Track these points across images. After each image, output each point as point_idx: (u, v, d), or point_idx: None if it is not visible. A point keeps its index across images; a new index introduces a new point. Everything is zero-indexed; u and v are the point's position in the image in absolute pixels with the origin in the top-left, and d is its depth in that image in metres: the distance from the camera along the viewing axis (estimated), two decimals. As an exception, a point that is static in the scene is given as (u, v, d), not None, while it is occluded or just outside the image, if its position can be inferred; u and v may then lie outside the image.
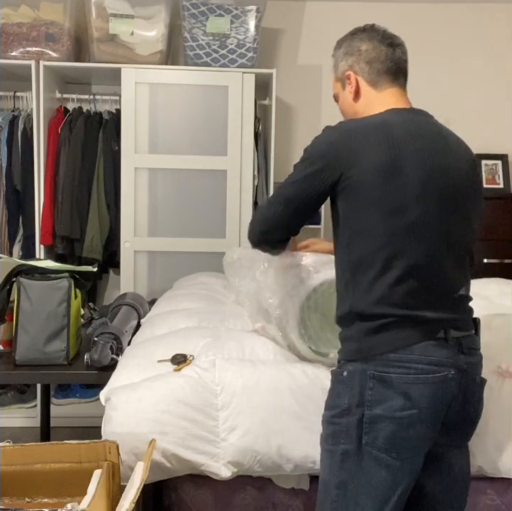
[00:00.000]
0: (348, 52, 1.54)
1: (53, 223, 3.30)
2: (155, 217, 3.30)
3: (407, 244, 1.36)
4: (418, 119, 1.47)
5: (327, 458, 1.44)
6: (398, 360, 1.35)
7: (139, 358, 1.86)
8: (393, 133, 1.39)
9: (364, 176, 1.36)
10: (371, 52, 1.51)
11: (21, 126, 3.33)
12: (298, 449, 1.66)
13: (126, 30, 3.20)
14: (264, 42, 3.50)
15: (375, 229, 1.36)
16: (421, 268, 1.37)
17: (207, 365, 1.73)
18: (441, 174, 1.40)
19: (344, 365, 1.43)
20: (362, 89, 1.53)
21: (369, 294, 1.37)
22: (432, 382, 1.35)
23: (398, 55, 1.52)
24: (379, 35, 1.53)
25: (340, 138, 1.41)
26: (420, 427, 1.37)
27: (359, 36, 1.54)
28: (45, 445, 1.58)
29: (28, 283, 2.07)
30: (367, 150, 1.37)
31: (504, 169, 3.70)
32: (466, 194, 1.45)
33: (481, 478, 1.72)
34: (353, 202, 1.39)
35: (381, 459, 1.37)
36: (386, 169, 1.36)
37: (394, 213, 1.36)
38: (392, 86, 1.52)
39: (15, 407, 3.35)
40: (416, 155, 1.38)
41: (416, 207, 1.36)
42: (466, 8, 3.74)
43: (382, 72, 1.51)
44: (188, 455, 1.65)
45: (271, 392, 1.68)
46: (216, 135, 3.26)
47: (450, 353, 1.38)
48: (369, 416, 1.36)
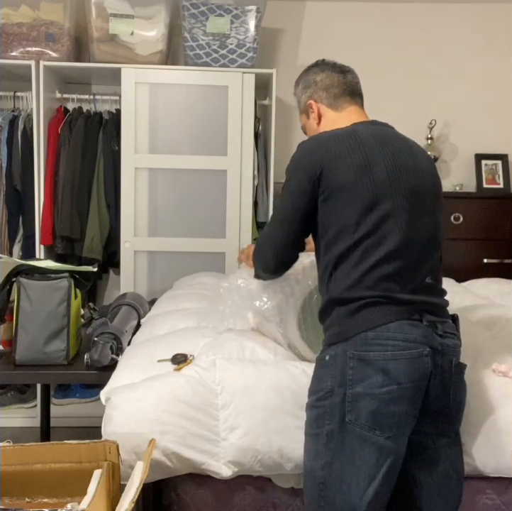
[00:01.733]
0: (306, 85, 1.74)
1: (53, 223, 3.30)
2: (155, 217, 3.30)
3: (381, 235, 1.47)
4: (380, 128, 1.62)
5: (313, 441, 1.48)
6: (375, 338, 1.43)
7: (139, 357, 1.86)
8: (362, 140, 1.53)
9: (341, 178, 1.49)
10: (325, 81, 1.71)
11: (21, 126, 3.33)
12: (299, 448, 1.65)
13: (126, 30, 3.20)
14: (264, 42, 3.50)
15: (352, 226, 1.47)
16: (393, 255, 1.47)
17: (207, 365, 1.73)
18: (405, 172, 1.53)
19: (326, 350, 1.50)
20: (324, 113, 1.71)
21: (346, 281, 1.47)
22: (409, 357, 1.41)
23: (350, 79, 1.72)
24: (329, 65, 1.74)
25: (315, 146, 1.55)
26: (400, 403, 1.41)
27: (313, 70, 1.75)
28: (45, 445, 1.58)
29: (28, 283, 2.07)
30: (341, 154, 1.51)
31: (504, 169, 3.70)
32: (429, 191, 1.58)
33: (481, 478, 1.72)
34: (331, 203, 1.50)
35: (364, 437, 1.41)
36: (358, 170, 1.49)
37: (368, 209, 1.48)
38: (350, 105, 1.70)
39: (15, 407, 3.35)
40: (383, 157, 1.52)
41: (387, 203, 1.49)
42: (466, 8, 3.74)
43: (339, 95, 1.70)
44: (189, 454, 1.65)
45: (272, 392, 1.68)
46: (216, 135, 3.27)
47: (425, 333, 1.45)
48: (350, 394, 1.41)
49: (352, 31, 3.75)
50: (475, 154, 3.72)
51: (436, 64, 3.77)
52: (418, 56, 3.77)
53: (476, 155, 3.72)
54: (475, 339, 1.92)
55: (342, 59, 1.74)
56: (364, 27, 3.75)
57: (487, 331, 2.09)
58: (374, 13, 3.74)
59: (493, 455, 1.69)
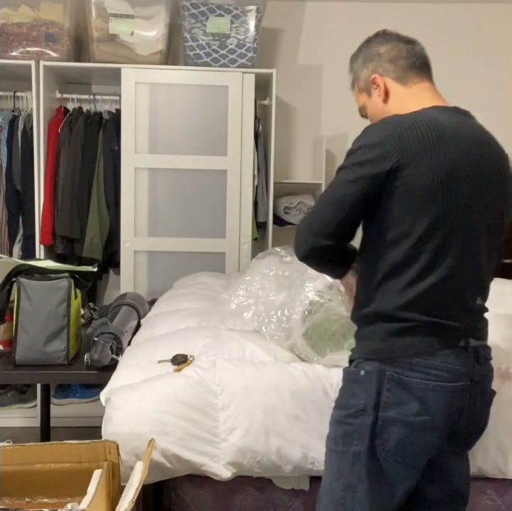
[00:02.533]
0: (368, 59, 1.51)
1: (53, 223, 3.30)
2: (155, 217, 3.30)
3: (445, 254, 1.33)
4: (463, 120, 1.41)
5: (336, 459, 1.41)
6: (420, 365, 1.33)
7: (139, 358, 1.86)
8: (447, 138, 1.33)
9: (416, 181, 1.30)
10: (391, 52, 1.48)
11: (21, 126, 3.33)
12: (297, 450, 1.66)
13: (126, 30, 3.20)
14: (264, 42, 3.50)
15: (417, 236, 1.32)
16: (453, 277, 1.34)
17: (207, 366, 1.73)
18: (486, 184, 1.37)
19: (361, 364, 1.39)
20: (391, 88, 1.48)
21: (400, 299, 1.34)
22: (450, 391, 1.34)
23: (419, 50, 1.52)
24: (393, 35, 1.52)
25: (390, 135, 1.32)
26: (430, 434, 1.36)
27: (375, 41, 1.52)
28: (45, 445, 1.58)
29: (28, 283, 2.07)
30: (422, 152, 1.30)
31: (504, 170, 3.70)
32: (505, 204, 1.44)
33: (482, 479, 1.72)
34: (401, 204, 1.32)
35: (388, 462, 1.36)
36: (439, 176, 1.31)
37: (438, 222, 1.32)
38: (421, 80, 1.48)
39: (15, 407, 3.35)
40: (467, 164, 1.34)
41: (460, 217, 1.33)
42: (466, 8, 3.74)
43: (408, 67, 1.48)
44: (189, 455, 1.65)
45: (272, 393, 1.68)
46: (216, 135, 3.26)
47: (468, 363, 1.37)
48: (382, 418, 1.34)
49: (352, 31, 3.73)
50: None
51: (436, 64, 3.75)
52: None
53: (476, 155, 3.72)
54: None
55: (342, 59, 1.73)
56: (364, 27, 3.73)
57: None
58: (374, 13, 3.74)
59: (498, 456, 1.69)
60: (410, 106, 1.43)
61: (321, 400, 1.69)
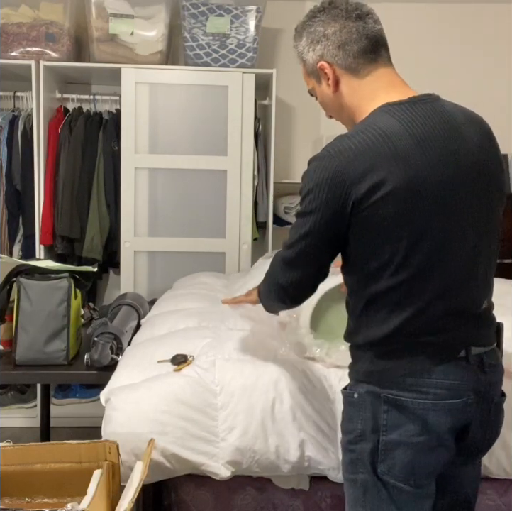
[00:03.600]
0: (313, 40, 1.32)
1: (53, 223, 3.30)
2: (155, 217, 3.30)
3: (429, 276, 1.22)
4: (421, 115, 1.23)
5: (351, 487, 1.35)
6: (415, 384, 1.23)
7: (139, 358, 1.86)
8: (397, 147, 1.18)
9: (379, 210, 1.18)
10: (339, 34, 1.29)
11: (21, 126, 3.33)
12: (295, 449, 1.66)
13: (126, 30, 3.20)
14: (264, 42, 3.49)
15: (395, 263, 1.21)
16: (449, 294, 1.24)
17: (207, 366, 1.73)
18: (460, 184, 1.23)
19: (354, 386, 1.32)
20: (341, 78, 1.31)
21: (384, 326, 1.25)
22: (451, 408, 1.25)
23: (371, 27, 1.30)
24: (342, 10, 1.30)
25: (342, 168, 1.19)
26: (438, 452, 1.27)
27: (320, 18, 1.32)
28: (45, 445, 1.58)
29: (28, 283, 2.07)
30: (375, 173, 1.17)
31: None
32: (492, 193, 1.29)
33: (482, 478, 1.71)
34: (368, 238, 1.22)
35: (399, 488, 1.27)
36: (401, 199, 1.18)
37: (415, 244, 1.20)
38: (375, 68, 1.30)
39: (15, 407, 3.35)
40: (427, 169, 1.19)
41: (437, 234, 1.21)
42: (467, 8, 3.74)
43: (359, 54, 1.28)
44: (188, 455, 1.65)
45: (270, 393, 1.68)
46: (216, 135, 3.26)
47: (471, 375, 1.27)
48: (384, 442, 1.25)
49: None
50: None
51: (436, 64, 3.77)
52: (418, 56, 3.77)
53: (476, 155, 3.72)
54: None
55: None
56: (364, 27, 3.75)
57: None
58: (374, 13, 3.74)
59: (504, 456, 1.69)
60: (362, 103, 1.29)
61: (320, 400, 1.69)
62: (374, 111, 1.26)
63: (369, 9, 1.32)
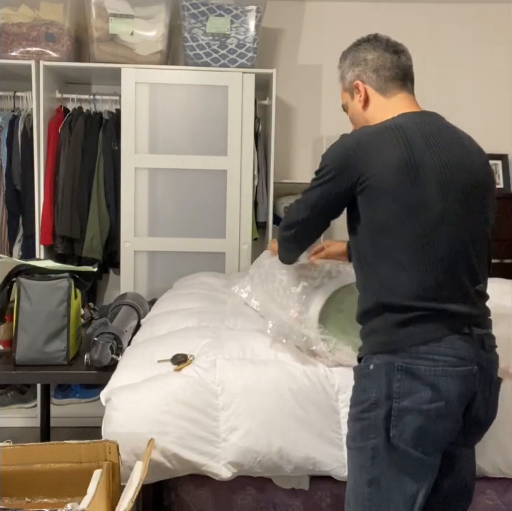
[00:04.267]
0: (354, 62, 1.60)
1: (53, 223, 3.30)
2: (155, 217, 3.30)
3: (431, 239, 1.39)
4: (429, 120, 1.49)
5: (357, 456, 1.43)
6: (427, 352, 1.36)
7: (139, 358, 1.86)
8: (406, 134, 1.42)
9: (382, 176, 1.39)
10: (377, 61, 1.56)
11: (21, 126, 3.33)
12: (299, 450, 1.66)
13: (126, 30, 3.20)
14: (264, 42, 3.50)
15: (398, 226, 1.40)
16: (445, 261, 1.40)
17: (207, 365, 1.73)
18: (458, 170, 1.43)
19: (369, 359, 1.43)
20: (371, 97, 1.58)
21: (396, 286, 1.40)
22: (459, 375, 1.37)
23: (404, 62, 1.58)
24: (382, 44, 1.58)
25: (354, 143, 1.45)
26: (446, 421, 1.38)
27: (364, 46, 1.60)
28: (45, 445, 1.58)
29: (28, 283, 2.07)
30: (382, 150, 1.41)
31: (504, 170, 3.70)
32: (483, 191, 1.50)
33: (481, 478, 1.72)
34: (374, 202, 1.42)
35: (408, 453, 1.37)
36: (401, 168, 1.39)
37: (415, 210, 1.39)
38: (401, 91, 1.56)
39: (15, 407, 3.35)
40: (431, 153, 1.41)
41: (437, 203, 1.40)
42: (466, 8, 3.74)
43: (389, 79, 1.56)
44: (189, 455, 1.65)
45: (272, 393, 1.68)
46: (216, 135, 3.26)
47: (474, 349, 1.40)
48: (396, 408, 1.36)
49: (352, 31, 3.72)
50: (475, 154, 3.72)
51: (436, 64, 3.77)
52: (418, 56, 3.74)
53: (476, 155, 3.72)
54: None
55: (342, 59, 1.74)
56: (364, 27, 3.73)
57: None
58: (374, 13, 3.74)
59: (498, 455, 1.69)
60: (387, 114, 1.52)
61: (322, 400, 1.69)
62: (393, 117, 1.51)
63: (405, 48, 1.61)
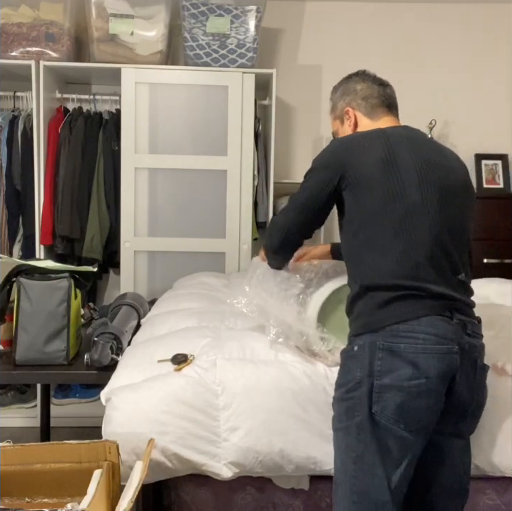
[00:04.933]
0: (345, 93, 1.78)
1: (53, 223, 3.30)
2: (155, 217, 3.30)
3: (409, 224, 1.48)
4: (413, 132, 1.65)
5: (343, 436, 1.48)
6: (406, 330, 1.42)
7: (139, 358, 1.86)
8: (388, 137, 1.57)
9: (364, 170, 1.52)
10: (365, 91, 1.74)
11: (21, 126, 3.33)
12: (300, 450, 1.66)
13: (126, 30, 3.20)
14: (264, 42, 3.50)
15: (379, 213, 1.50)
16: (425, 245, 1.48)
17: (208, 365, 1.73)
18: (434, 169, 1.54)
19: (353, 341, 1.50)
20: (359, 121, 1.74)
21: (377, 268, 1.48)
22: (439, 353, 1.42)
23: (389, 92, 1.76)
24: (370, 77, 1.77)
25: (341, 146, 1.60)
26: (427, 398, 1.41)
27: (354, 79, 1.78)
28: (45, 445, 1.58)
29: (28, 283, 2.07)
30: (365, 150, 1.54)
31: (504, 169, 3.70)
32: (462, 192, 1.59)
33: (481, 478, 1.72)
34: (357, 193, 1.53)
35: (389, 429, 1.41)
36: (382, 164, 1.52)
37: (395, 198, 1.49)
38: (387, 115, 1.73)
39: (15, 407, 3.35)
40: (410, 153, 1.54)
41: (415, 193, 1.50)
42: (466, 8, 3.74)
43: (377, 106, 1.73)
44: (190, 455, 1.65)
45: (272, 393, 1.68)
46: (216, 135, 3.26)
47: (455, 330, 1.45)
48: (378, 385, 1.41)
49: (352, 31, 3.75)
50: (475, 154, 3.72)
51: (436, 64, 3.77)
52: (418, 56, 3.77)
53: (476, 155, 3.72)
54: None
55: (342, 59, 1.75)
56: (364, 27, 3.75)
57: (487, 331, 2.08)
58: (374, 13, 3.74)
59: (495, 454, 1.69)
60: None
61: (322, 400, 1.69)
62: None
63: (389, 83, 1.78)
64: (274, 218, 1.73)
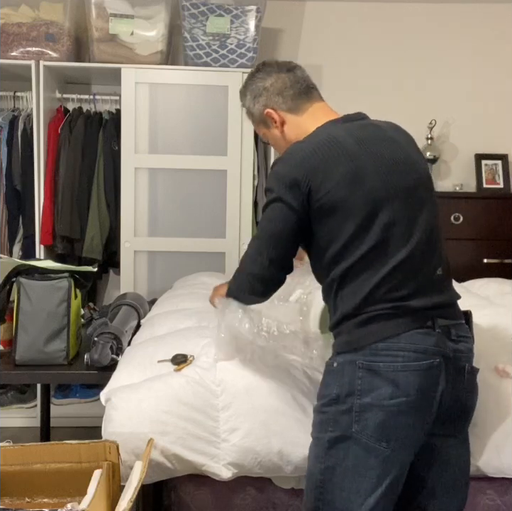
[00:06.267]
0: (256, 94, 1.61)
1: (53, 223, 3.30)
2: (155, 217, 3.30)
3: (385, 246, 1.41)
4: (356, 125, 1.52)
5: (314, 445, 1.48)
6: (385, 348, 1.39)
7: (139, 358, 1.86)
8: (346, 147, 1.44)
9: (332, 195, 1.40)
10: (276, 84, 1.58)
11: (21, 126, 3.33)
12: (299, 451, 1.66)
13: (126, 30, 3.20)
14: (264, 42, 3.50)
15: (354, 241, 1.41)
16: (402, 263, 1.41)
17: (208, 366, 1.73)
18: (398, 170, 1.46)
19: (334, 357, 1.47)
20: (286, 119, 1.58)
21: (355, 298, 1.42)
22: (419, 369, 1.38)
23: (300, 75, 1.60)
24: (273, 67, 1.61)
25: (299, 161, 1.44)
26: (409, 415, 1.38)
27: (258, 76, 1.61)
28: (45, 445, 1.58)
29: (28, 283, 2.07)
30: (328, 168, 1.41)
31: (504, 169, 3.70)
32: (423, 181, 1.51)
33: (481, 478, 1.72)
34: (327, 220, 1.43)
35: (370, 448, 1.38)
36: (350, 183, 1.41)
37: (368, 221, 1.40)
38: (310, 104, 1.58)
39: (15, 407, 3.35)
40: (372, 161, 1.44)
41: (385, 210, 1.41)
42: (467, 8, 3.74)
43: (296, 96, 1.57)
44: (189, 455, 1.64)
45: (272, 394, 1.68)
46: (216, 135, 3.27)
47: (437, 341, 1.41)
48: (358, 405, 1.39)
49: (352, 31, 3.75)
50: (475, 154, 3.72)
51: (436, 64, 3.77)
52: (418, 56, 3.77)
53: (476, 155, 3.72)
54: (476, 340, 1.92)
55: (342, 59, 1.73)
56: (364, 27, 3.75)
57: (487, 332, 2.08)
58: (374, 13, 3.74)
59: (496, 455, 1.69)
60: (308, 129, 1.52)
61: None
62: (318, 127, 1.52)
63: (296, 64, 1.63)
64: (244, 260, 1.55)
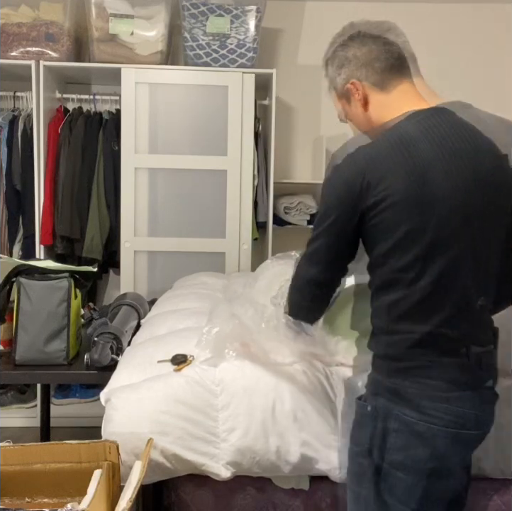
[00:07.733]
0: (344, 64, 1.43)
1: (53, 223, 3.30)
2: (155, 217, 3.30)
3: (442, 293, 1.25)
4: (441, 123, 1.30)
5: (353, 499, 1.37)
6: (428, 407, 1.24)
7: (139, 358, 1.86)
8: (416, 152, 1.25)
9: (393, 218, 1.24)
10: (368, 55, 1.40)
11: (21, 126, 3.33)
12: (296, 451, 1.66)
13: (126, 30, 3.20)
14: (264, 42, 3.50)
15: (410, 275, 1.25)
16: (456, 316, 1.26)
17: (207, 366, 1.73)
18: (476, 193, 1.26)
19: (368, 398, 1.34)
20: (370, 94, 1.41)
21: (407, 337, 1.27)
22: (459, 439, 1.26)
23: (396, 49, 1.43)
24: (369, 37, 1.45)
25: (357, 173, 1.27)
26: (442, 479, 1.26)
27: (351, 44, 1.44)
28: (45, 445, 1.58)
29: (28, 283, 2.07)
30: (388, 179, 1.23)
31: (504, 170, 3.70)
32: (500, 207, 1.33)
33: (482, 479, 1.72)
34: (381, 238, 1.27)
35: (397, 509, 1.28)
36: (417, 208, 1.22)
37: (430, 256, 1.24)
38: (400, 82, 1.39)
39: (15, 407, 3.35)
40: (446, 180, 1.24)
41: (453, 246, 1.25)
42: (466, 8, 3.74)
43: (386, 70, 1.39)
44: (189, 455, 1.64)
45: (271, 393, 1.68)
46: (216, 135, 3.26)
47: (477, 403, 1.29)
48: (389, 461, 1.26)
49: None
50: (475, 154, 3.72)
51: (436, 64, 3.76)
52: (418, 56, 3.75)
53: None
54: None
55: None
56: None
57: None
58: (374, 13, 3.72)
59: (500, 456, 1.69)
60: (391, 113, 1.38)
61: (321, 401, 1.69)
62: (399, 121, 1.34)
63: (390, 25, 1.46)
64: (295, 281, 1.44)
